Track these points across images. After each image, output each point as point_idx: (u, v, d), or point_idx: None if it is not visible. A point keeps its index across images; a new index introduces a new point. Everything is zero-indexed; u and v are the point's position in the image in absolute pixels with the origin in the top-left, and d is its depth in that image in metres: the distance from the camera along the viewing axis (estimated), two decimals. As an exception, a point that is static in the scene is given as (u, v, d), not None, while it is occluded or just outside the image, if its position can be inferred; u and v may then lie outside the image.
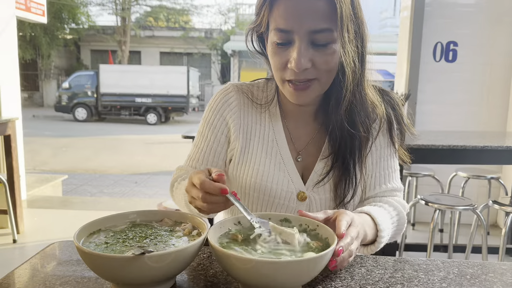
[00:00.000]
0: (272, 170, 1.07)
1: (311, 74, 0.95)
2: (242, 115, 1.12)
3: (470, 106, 3.95)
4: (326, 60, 0.94)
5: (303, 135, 1.12)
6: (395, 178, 1.14)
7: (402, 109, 1.13)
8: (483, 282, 0.84)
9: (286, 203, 1.07)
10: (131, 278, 0.71)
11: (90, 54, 24.87)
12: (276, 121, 1.11)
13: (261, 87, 1.16)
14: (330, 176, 1.06)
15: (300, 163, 1.10)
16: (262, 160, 1.08)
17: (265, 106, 1.13)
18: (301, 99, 0.99)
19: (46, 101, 22.03)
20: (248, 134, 1.11)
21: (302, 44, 0.92)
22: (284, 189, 1.07)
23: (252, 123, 1.12)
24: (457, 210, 2.50)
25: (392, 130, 1.11)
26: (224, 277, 0.83)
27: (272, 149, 1.09)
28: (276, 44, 0.96)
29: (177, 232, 0.83)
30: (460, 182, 3.54)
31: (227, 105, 1.12)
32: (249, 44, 1.08)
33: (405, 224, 1.10)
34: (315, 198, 1.07)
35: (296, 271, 0.69)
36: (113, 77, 16.09)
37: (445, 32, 3.85)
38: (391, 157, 1.13)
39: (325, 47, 0.93)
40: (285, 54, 0.95)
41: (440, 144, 2.50)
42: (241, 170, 1.10)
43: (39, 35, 19.59)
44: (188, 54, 24.13)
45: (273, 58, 0.98)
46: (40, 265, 0.88)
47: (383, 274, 0.86)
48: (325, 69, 0.95)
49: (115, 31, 22.82)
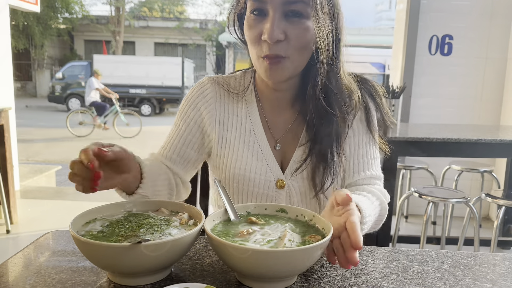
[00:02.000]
0: (250, 160, 1.08)
1: (283, 50, 0.96)
2: (218, 106, 1.12)
3: (464, 99, 3.97)
4: (298, 34, 0.95)
5: (280, 122, 1.12)
6: (374, 165, 1.14)
7: (382, 98, 1.13)
8: (477, 272, 0.85)
9: (265, 192, 1.08)
10: (128, 267, 0.71)
11: (83, 44, 24.63)
12: (253, 110, 1.12)
13: (238, 78, 1.17)
14: (307, 163, 1.06)
15: (279, 151, 1.10)
16: (240, 150, 1.09)
17: (241, 95, 1.13)
18: (275, 75, 0.99)
19: (39, 91, 21.83)
20: (224, 125, 1.11)
21: (275, 14, 0.94)
22: (262, 178, 1.07)
23: (228, 114, 1.12)
24: (450, 202, 2.52)
25: (369, 117, 1.11)
26: (220, 267, 0.83)
27: (249, 139, 1.10)
28: (251, 14, 0.97)
29: (173, 221, 0.83)
30: (454, 175, 3.57)
31: (202, 97, 1.12)
32: (232, 29, 1.09)
33: (386, 214, 1.09)
34: (294, 186, 1.08)
35: (292, 260, 0.69)
36: (107, 67, 15.94)
37: (440, 25, 3.86)
38: (369, 144, 1.12)
39: (298, 20, 0.95)
40: (260, 26, 0.96)
41: (434, 137, 2.51)
42: (220, 161, 1.11)
43: (32, 24, 19.34)
44: (183, 45, 23.98)
45: (248, 31, 0.99)
46: (35, 254, 0.88)
47: (378, 264, 0.87)
48: (298, 45, 0.96)
49: (109, 21, 22.59)
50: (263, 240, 0.77)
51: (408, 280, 0.80)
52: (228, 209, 0.86)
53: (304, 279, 0.79)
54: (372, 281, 0.79)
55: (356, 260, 0.73)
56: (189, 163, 1.14)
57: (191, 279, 0.78)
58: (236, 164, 1.08)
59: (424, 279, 0.81)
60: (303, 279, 0.79)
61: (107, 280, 0.76)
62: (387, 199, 1.10)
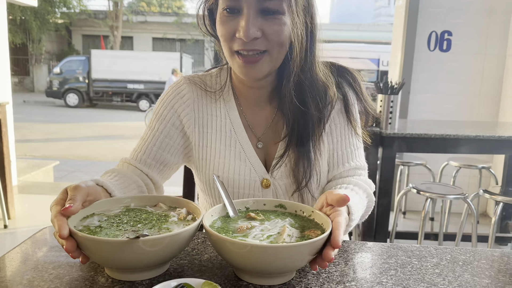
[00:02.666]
0: (233, 161, 1.05)
1: (261, 45, 0.94)
2: (196, 107, 1.09)
3: (463, 96, 3.97)
4: (276, 30, 0.93)
5: (260, 120, 1.09)
6: (358, 156, 1.12)
7: (361, 84, 1.11)
8: (475, 268, 0.85)
9: (251, 193, 1.06)
10: (125, 262, 0.71)
11: (81, 39, 24.51)
12: (231, 108, 1.09)
13: (214, 76, 1.14)
14: (285, 159, 1.04)
15: (262, 149, 1.08)
16: (221, 152, 1.06)
17: (218, 93, 1.10)
18: (251, 73, 0.97)
19: (36, 86, 21.74)
20: (204, 127, 1.08)
21: (250, 11, 0.91)
22: (247, 179, 1.05)
23: (207, 115, 1.09)
24: (448, 198, 2.52)
25: (349, 108, 1.09)
26: (218, 262, 0.82)
27: (230, 139, 1.07)
28: (224, 11, 0.94)
29: (171, 217, 0.83)
30: (452, 172, 3.57)
31: (179, 97, 1.09)
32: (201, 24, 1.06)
33: (373, 205, 1.09)
34: (280, 184, 1.06)
35: (290, 256, 0.69)
36: (105, 62, 15.91)
37: (439, 22, 3.85)
38: (351, 135, 1.11)
39: (274, 16, 0.92)
40: (234, 23, 0.93)
41: (432, 133, 2.51)
42: (202, 165, 1.08)
43: (29, 19, 19.25)
44: (181, 40, 23.87)
45: (221, 28, 0.96)
46: (32, 249, 0.88)
47: (377, 260, 0.87)
48: (276, 41, 0.94)
49: (107, 15, 22.48)
50: (262, 235, 0.76)
51: (407, 276, 0.80)
52: (226, 204, 0.86)
53: (302, 275, 0.79)
54: (371, 276, 0.79)
55: (330, 257, 0.71)
56: (166, 166, 1.10)
57: (189, 275, 0.78)
58: (219, 167, 1.06)
59: (423, 275, 0.81)
60: (302, 274, 0.79)
61: (105, 276, 0.76)
62: (372, 188, 1.10)
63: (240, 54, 0.95)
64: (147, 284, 0.73)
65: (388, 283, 0.77)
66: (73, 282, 0.73)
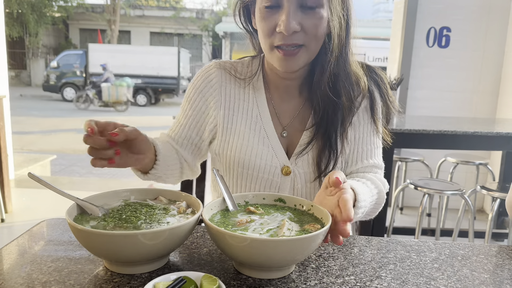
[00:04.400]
0: (256, 145, 1.08)
1: (299, 39, 0.96)
2: (223, 91, 1.12)
3: (461, 92, 3.97)
4: (314, 23, 0.95)
5: (288, 109, 1.12)
6: (377, 154, 1.14)
7: (387, 86, 1.13)
8: (474, 263, 0.85)
9: (270, 178, 1.08)
10: (125, 256, 0.71)
11: (79, 33, 24.36)
12: (260, 96, 1.11)
13: (246, 64, 1.17)
14: (311, 147, 1.06)
15: (285, 138, 1.10)
16: (246, 135, 1.09)
17: (248, 81, 1.13)
18: (289, 65, 0.99)
19: (33, 80, 21.61)
20: (230, 110, 1.11)
21: (291, 6, 0.93)
22: (268, 164, 1.07)
23: (235, 99, 1.12)
24: (446, 194, 2.53)
25: (374, 107, 1.11)
26: (218, 256, 0.82)
27: (256, 124, 1.10)
28: (264, 8, 0.96)
29: (171, 210, 0.83)
30: (449, 168, 3.58)
31: (207, 82, 1.12)
32: (237, 19, 1.09)
33: (383, 202, 1.10)
34: (299, 172, 1.08)
35: (290, 249, 0.69)
36: (102, 56, 15.81)
37: (438, 18, 3.84)
38: (373, 133, 1.13)
39: (313, 11, 0.95)
40: (274, 18, 0.96)
41: (430, 129, 2.51)
42: (225, 146, 1.11)
43: (26, 12, 19.10)
44: (179, 34, 23.77)
45: (261, 23, 0.98)
46: (30, 243, 0.87)
47: (376, 254, 0.87)
48: (314, 34, 0.96)
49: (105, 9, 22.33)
50: (262, 229, 0.76)
51: (406, 270, 0.80)
52: (226, 198, 0.86)
53: (302, 269, 0.79)
54: (370, 270, 0.79)
55: (347, 232, 0.74)
56: (197, 148, 1.15)
57: (188, 268, 0.78)
58: (241, 149, 1.08)
59: (422, 269, 0.81)
60: (301, 268, 0.79)
61: (104, 269, 0.76)
62: (386, 188, 1.11)
63: (279, 48, 0.97)
64: (147, 277, 0.73)
65: (387, 277, 0.77)
66: (72, 275, 0.73)
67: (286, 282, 0.74)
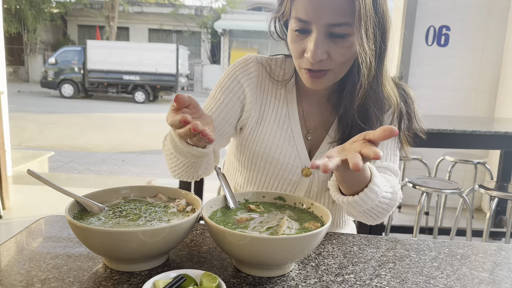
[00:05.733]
0: (281, 143, 1.09)
1: (326, 65, 0.96)
2: (260, 85, 1.13)
3: (460, 91, 3.97)
4: (342, 52, 0.95)
5: (315, 114, 1.13)
6: (392, 160, 1.13)
7: (415, 104, 1.13)
8: (473, 262, 0.85)
9: (290, 177, 1.09)
10: (124, 253, 0.70)
11: (77, 29, 24.27)
12: (291, 97, 1.13)
13: (279, 63, 1.17)
14: None
15: (309, 141, 1.12)
16: (273, 132, 1.10)
17: (281, 83, 1.14)
18: (315, 85, 1.01)
19: (31, 77, 21.54)
20: (263, 105, 1.12)
21: (319, 36, 0.93)
22: (290, 163, 1.09)
23: (268, 96, 1.13)
24: (444, 193, 2.53)
25: (402, 123, 1.10)
26: (217, 253, 0.82)
27: (284, 123, 1.11)
28: (295, 31, 0.97)
29: (171, 208, 0.82)
30: (447, 166, 3.59)
31: (246, 73, 1.12)
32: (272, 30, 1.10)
33: (395, 206, 1.09)
34: (319, 175, 1.09)
35: (290, 247, 0.69)
36: (101, 53, 15.76)
37: (438, 16, 3.84)
38: (392, 142, 1.13)
39: (342, 39, 0.93)
40: (303, 43, 0.97)
41: (429, 128, 2.51)
42: (252, 139, 1.12)
43: (24, 8, 19.00)
44: (177, 31, 23.71)
45: (292, 45, 1.00)
46: (28, 240, 0.87)
47: (375, 252, 0.87)
48: (341, 61, 0.96)
49: (103, 6, 22.23)
50: (262, 227, 0.76)
51: (406, 269, 0.80)
52: (227, 195, 0.85)
53: (301, 267, 0.79)
54: (370, 269, 0.79)
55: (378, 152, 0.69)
56: (223, 136, 1.12)
57: (188, 266, 0.77)
58: (267, 144, 1.09)
59: (421, 268, 0.81)
60: (301, 266, 0.79)
61: (103, 266, 0.76)
62: (399, 195, 1.08)
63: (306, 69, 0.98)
64: (146, 275, 0.73)
65: (387, 275, 0.77)
66: (71, 272, 0.73)
67: (285, 280, 0.74)
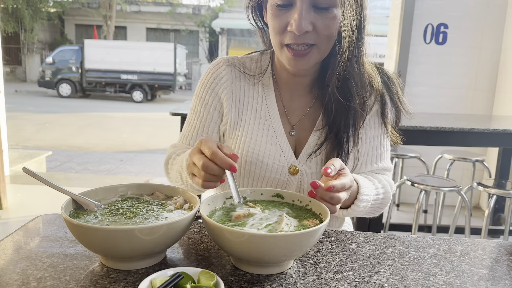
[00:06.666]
0: (264, 144, 1.06)
1: (311, 39, 0.94)
2: (234, 88, 1.10)
3: (458, 89, 3.97)
4: (327, 24, 0.93)
5: (297, 108, 1.10)
6: (386, 158, 1.14)
7: (397, 87, 1.11)
8: (473, 259, 0.85)
9: (277, 177, 1.06)
10: (121, 251, 0.70)
11: (74, 28, 24.22)
12: (269, 93, 1.10)
13: (255, 59, 1.14)
14: (323, 148, 1.05)
15: (294, 137, 1.09)
16: (254, 133, 1.07)
17: (258, 77, 1.11)
18: (299, 65, 0.98)
19: (29, 76, 21.47)
20: (240, 107, 1.09)
21: (303, 5, 0.91)
22: (275, 163, 1.06)
23: (244, 97, 1.10)
24: (442, 191, 2.53)
25: (385, 110, 1.09)
26: (215, 251, 0.82)
27: (264, 122, 1.08)
28: (276, 6, 0.94)
29: (168, 205, 0.82)
30: (446, 164, 3.59)
31: (218, 80, 1.10)
32: (249, 15, 1.07)
33: (389, 202, 1.10)
34: (307, 172, 1.06)
35: (288, 245, 0.68)
36: (98, 52, 15.73)
37: (436, 14, 3.84)
38: (383, 137, 1.12)
39: (326, 11, 0.92)
40: (286, 17, 0.94)
41: (428, 126, 2.51)
42: (233, 143, 1.09)
43: (21, 7, 18.94)
44: (175, 30, 23.67)
45: (273, 20, 0.96)
46: (25, 239, 0.86)
47: (374, 250, 0.87)
48: (326, 35, 0.94)
49: (101, 5, 22.17)
50: (261, 224, 0.76)
51: (405, 266, 0.80)
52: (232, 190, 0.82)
53: (300, 264, 0.78)
54: (369, 266, 0.79)
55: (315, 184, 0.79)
56: None
57: (186, 264, 0.77)
58: (249, 147, 1.06)
59: (420, 265, 0.81)
60: (299, 264, 0.78)
61: (100, 264, 0.75)
62: (392, 190, 1.11)
63: (289, 47, 0.96)
64: (143, 273, 0.72)
65: (386, 273, 0.77)
66: (67, 271, 0.72)
67: (284, 278, 0.73)
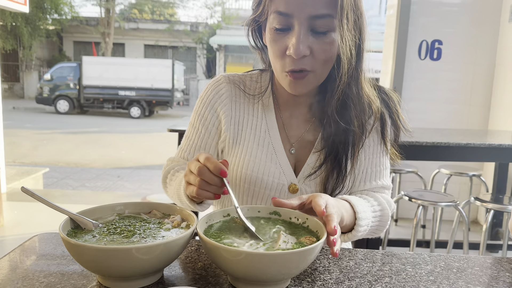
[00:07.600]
0: (263, 162, 1.06)
1: (307, 65, 0.94)
2: (233, 106, 1.10)
3: (453, 104, 4.01)
4: (324, 48, 0.93)
5: (297, 126, 1.10)
6: (385, 175, 1.14)
7: (397, 105, 1.12)
8: (469, 275, 0.85)
9: (277, 195, 1.06)
10: (118, 271, 0.70)
11: (73, 45, 24.38)
12: (269, 112, 1.10)
13: (255, 78, 1.15)
14: (322, 170, 1.05)
15: (293, 155, 1.09)
16: (253, 151, 1.07)
17: (258, 97, 1.12)
18: (298, 88, 0.98)
19: (27, 93, 21.52)
20: (239, 125, 1.10)
21: (301, 29, 0.91)
22: (275, 181, 1.05)
23: (244, 114, 1.10)
24: (440, 206, 2.54)
25: (385, 128, 1.10)
26: (212, 270, 0.82)
27: (264, 140, 1.08)
28: (275, 30, 0.95)
29: (165, 224, 0.82)
30: (443, 179, 3.60)
31: (218, 97, 1.11)
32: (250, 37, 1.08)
33: (389, 221, 1.09)
34: (306, 190, 1.06)
35: (286, 263, 0.69)
36: (96, 69, 15.81)
37: (430, 31, 3.90)
38: (382, 154, 1.12)
39: (324, 35, 0.93)
40: (284, 40, 0.94)
41: (424, 141, 2.53)
42: (232, 161, 1.09)
43: (20, 25, 19.08)
44: (173, 47, 23.86)
45: (272, 45, 0.97)
46: (22, 258, 0.86)
47: (371, 267, 0.87)
48: (323, 59, 0.95)
49: (99, 22, 22.39)
50: (258, 242, 0.76)
51: (402, 283, 0.80)
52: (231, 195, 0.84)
53: (297, 282, 0.78)
54: (366, 284, 0.79)
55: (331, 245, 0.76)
56: None
57: (183, 283, 0.77)
58: (249, 165, 1.06)
59: (417, 282, 0.81)
60: (297, 282, 0.78)
61: (97, 284, 0.75)
62: (391, 209, 1.10)
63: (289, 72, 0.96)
64: (140, 293, 0.72)
65: (383, 290, 0.77)
66: (64, 291, 0.72)
67: (281, 296, 0.73)
